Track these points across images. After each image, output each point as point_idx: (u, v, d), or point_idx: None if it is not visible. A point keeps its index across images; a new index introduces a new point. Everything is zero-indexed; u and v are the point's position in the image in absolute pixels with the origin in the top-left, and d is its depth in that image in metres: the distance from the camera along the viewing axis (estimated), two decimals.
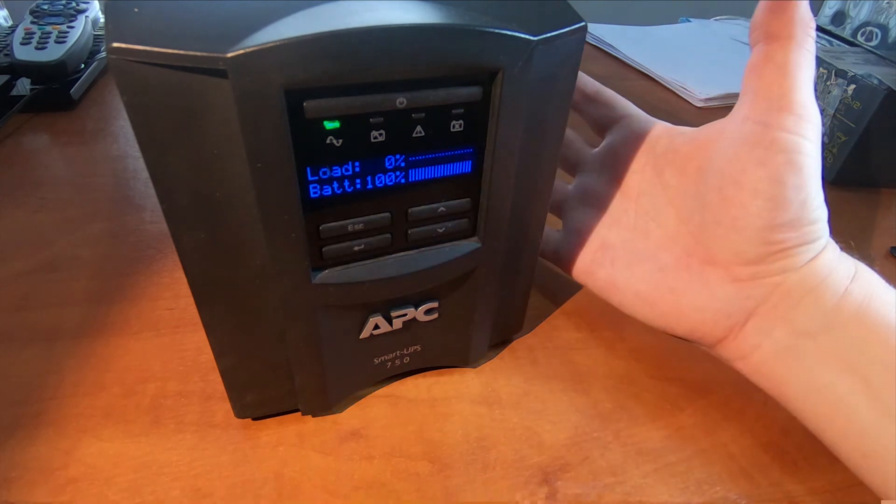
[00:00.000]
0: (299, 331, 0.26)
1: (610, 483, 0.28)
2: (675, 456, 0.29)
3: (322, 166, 0.21)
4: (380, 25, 0.19)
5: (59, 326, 0.34)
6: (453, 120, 0.23)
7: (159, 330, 0.34)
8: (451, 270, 0.27)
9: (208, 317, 0.24)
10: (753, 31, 0.26)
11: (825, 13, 0.62)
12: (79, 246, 0.40)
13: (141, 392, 0.30)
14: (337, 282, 0.24)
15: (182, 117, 0.19)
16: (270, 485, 0.27)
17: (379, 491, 0.27)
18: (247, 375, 0.27)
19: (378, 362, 0.30)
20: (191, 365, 0.32)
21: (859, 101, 0.52)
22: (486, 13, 0.21)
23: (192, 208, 0.21)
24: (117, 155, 0.51)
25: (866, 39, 0.58)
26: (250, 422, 0.30)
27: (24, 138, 0.52)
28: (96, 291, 0.37)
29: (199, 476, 0.27)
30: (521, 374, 0.33)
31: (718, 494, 0.28)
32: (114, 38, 0.17)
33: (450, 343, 0.32)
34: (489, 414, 0.31)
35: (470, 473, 0.28)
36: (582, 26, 0.23)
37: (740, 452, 0.29)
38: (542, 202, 0.29)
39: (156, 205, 0.23)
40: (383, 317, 0.28)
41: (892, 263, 0.45)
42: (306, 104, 0.20)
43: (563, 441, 0.30)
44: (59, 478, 0.26)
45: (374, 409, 0.31)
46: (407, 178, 0.23)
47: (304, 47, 0.18)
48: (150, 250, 0.40)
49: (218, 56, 0.17)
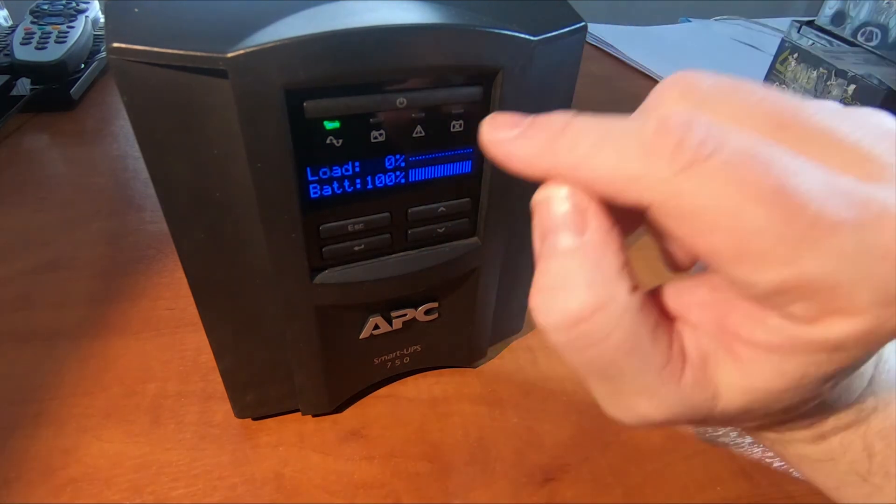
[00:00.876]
0: (299, 331, 0.26)
1: (610, 483, 0.28)
2: (675, 456, 0.29)
3: (322, 166, 0.21)
4: (380, 25, 0.19)
5: (59, 326, 0.34)
6: (453, 120, 0.23)
7: (159, 330, 0.34)
8: (451, 270, 0.27)
9: (208, 317, 0.24)
10: None
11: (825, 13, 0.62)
12: (79, 246, 0.40)
13: (141, 392, 0.30)
14: (337, 282, 0.24)
15: (182, 117, 0.19)
16: (270, 485, 0.27)
17: (379, 491, 0.27)
18: (247, 375, 0.27)
19: (378, 362, 0.30)
20: (191, 365, 0.32)
21: (859, 101, 0.52)
22: (486, 13, 0.21)
23: (192, 208, 0.21)
24: (117, 155, 0.51)
25: (866, 39, 0.58)
26: (250, 422, 0.30)
27: (24, 138, 0.52)
28: (96, 291, 0.37)
29: (199, 476, 0.27)
30: (521, 374, 0.33)
31: (718, 494, 0.28)
32: (114, 38, 0.17)
33: (450, 343, 0.32)
34: (489, 414, 0.31)
35: (470, 473, 0.28)
36: (582, 26, 0.23)
37: (740, 453, 0.29)
38: None
39: (156, 205, 0.23)
40: (383, 317, 0.28)
41: None
42: (306, 104, 0.20)
43: (563, 441, 0.30)
44: (59, 478, 0.26)
45: (374, 409, 0.31)
46: (407, 179, 0.23)
47: (304, 47, 0.18)
48: (150, 250, 0.40)
49: (218, 56, 0.17)
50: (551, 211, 0.14)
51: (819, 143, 0.13)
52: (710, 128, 0.12)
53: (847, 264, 0.11)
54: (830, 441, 0.18)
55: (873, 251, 0.11)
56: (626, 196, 0.13)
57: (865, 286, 0.11)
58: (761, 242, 0.11)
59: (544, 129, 0.14)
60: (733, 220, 0.12)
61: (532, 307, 0.14)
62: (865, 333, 0.12)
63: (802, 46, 0.60)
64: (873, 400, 0.17)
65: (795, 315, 0.12)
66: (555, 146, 0.14)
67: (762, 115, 0.13)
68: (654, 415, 0.15)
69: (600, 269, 0.14)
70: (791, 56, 0.61)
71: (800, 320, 0.12)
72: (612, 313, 0.13)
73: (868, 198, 0.12)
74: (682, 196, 0.12)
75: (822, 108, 0.13)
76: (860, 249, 0.11)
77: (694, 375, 0.14)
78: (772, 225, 0.11)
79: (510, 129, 0.15)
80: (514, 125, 0.15)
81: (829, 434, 0.18)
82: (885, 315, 0.12)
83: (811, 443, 0.18)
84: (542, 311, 0.14)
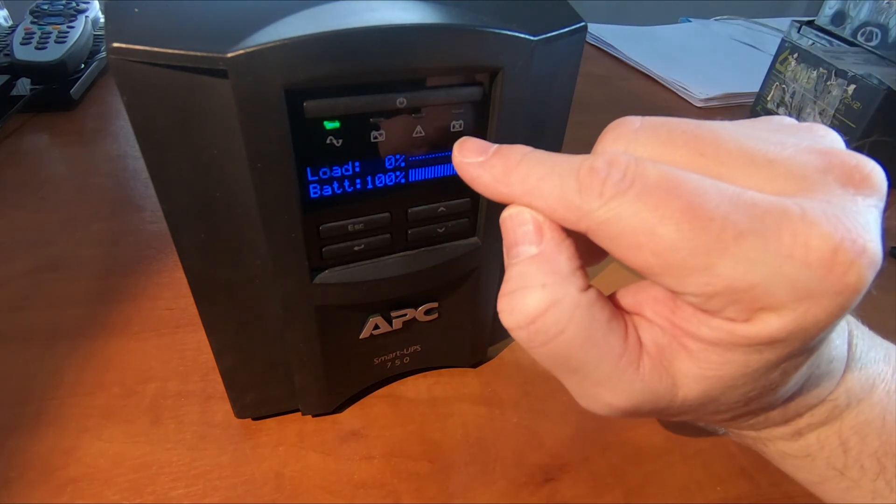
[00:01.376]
0: (299, 331, 0.26)
1: (610, 483, 0.28)
2: (675, 456, 0.29)
3: (322, 166, 0.21)
4: (380, 25, 0.19)
5: (59, 326, 0.34)
6: (453, 120, 0.23)
7: (159, 330, 0.34)
8: (451, 270, 0.27)
9: (208, 317, 0.24)
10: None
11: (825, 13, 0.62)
12: (79, 246, 0.40)
13: (141, 392, 0.30)
14: (337, 282, 0.24)
15: (182, 117, 0.19)
16: (270, 485, 0.27)
17: (379, 491, 0.27)
18: (247, 375, 0.27)
19: (378, 362, 0.30)
20: (191, 365, 0.32)
21: (859, 101, 0.52)
22: (486, 13, 0.21)
23: (192, 208, 0.21)
24: (117, 155, 0.51)
25: (866, 39, 0.58)
26: (250, 422, 0.30)
27: (24, 138, 0.52)
28: (96, 291, 0.37)
29: (199, 476, 0.27)
30: (521, 374, 0.33)
31: (718, 494, 0.28)
32: (114, 38, 0.17)
33: (450, 343, 0.32)
34: (489, 414, 0.31)
35: (470, 473, 0.28)
36: (582, 26, 0.23)
37: (740, 452, 0.29)
38: None
39: (156, 205, 0.23)
40: (383, 317, 0.28)
41: (891, 264, 0.45)
42: (306, 104, 0.20)
43: (563, 441, 0.30)
44: (59, 478, 0.26)
45: (374, 409, 0.31)
46: (407, 179, 0.23)
47: (304, 47, 0.18)
48: (150, 250, 0.40)
49: (218, 56, 0.17)
50: (515, 227, 0.16)
51: (736, 165, 0.15)
52: (629, 164, 0.14)
53: (758, 266, 0.13)
54: (808, 438, 0.19)
55: (779, 253, 0.13)
56: (568, 223, 0.15)
57: (779, 284, 0.13)
58: (677, 255, 0.13)
59: (503, 160, 0.17)
60: (652, 238, 0.14)
61: (499, 310, 0.16)
62: (792, 326, 0.14)
63: (802, 46, 0.60)
64: (845, 397, 0.19)
65: (730, 317, 0.14)
66: (509, 177, 0.16)
67: (683, 146, 0.15)
68: (619, 403, 0.16)
69: (553, 272, 0.16)
70: (791, 56, 0.61)
71: (735, 320, 0.14)
72: (565, 309, 0.15)
73: (771, 207, 0.13)
74: (609, 223, 0.14)
75: (749, 132, 0.15)
76: (767, 252, 0.13)
77: (651, 364, 0.16)
78: (683, 239, 0.13)
79: (476, 155, 0.17)
80: (480, 152, 0.17)
81: (806, 431, 0.19)
82: (803, 308, 0.13)
83: (789, 440, 0.20)
84: (505, 312, 0.16)
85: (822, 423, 0.19)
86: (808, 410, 0.19)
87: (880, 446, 0.19)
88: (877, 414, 0.19)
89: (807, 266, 0.13)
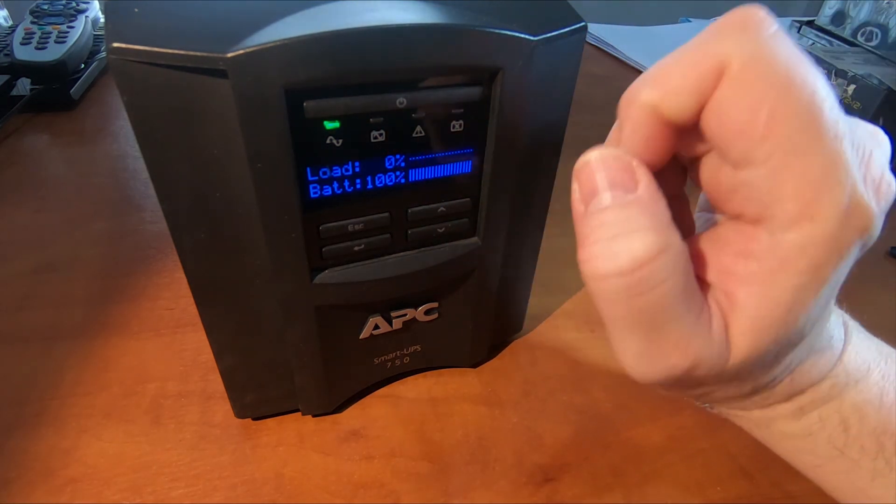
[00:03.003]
0: (299, 331, 0.26)
1: (610, 483, 0.28)
2: (675, 456, 0.29)
3: (322, 166, 0.21)
4: (380, 25, 0.19)
5: (59, 326, 0.34)
6: (453, 120, 0.23)
7: (159, 330, 0.34)
8: (451, 270, 0.27)
9: (208, 317, 0.24)
10: None
11: (825, 13, 0.62)
12: (79, 246, 0.40)
13: (141, 392, 0.30)
14: (337, 282, 0.24)
15: (182, 117, 0.19)
16: (270, 485, 0.27)
17: (379, 491, 0.27)
18: (247, 375, 0.27)
19: (378, 362, 0.30)
20: (191, 365, 0.32)
21: (859, 101, 0.52)
22: (486, 13, 0.21)
23: (192, 208, 0.21)
24: (117, 155, 0.51)
25: (866, 39, 0.58)
26: (250, 422, 0.30)
27: (24, 138, 0.52)
28: (96, 291, 0.37)
29: (199, 476, 0.27)
30: (521, 374, 0.33)
31: (718, 494, 0.28)
32: (114, 38, 0.17)
33: (450, 343, 0.32)
34: (489, 414, 0.31)
35: (470, 473, 0.28)
36: (582, 26, 0.23)
37: (740, 452, 0.29)
38: (542, 202, 0.29)
39: (156, 205, 0.23)
40: (383, 317, 0.28)
41: (891, 264, 0.45)
42: (306, 104, 0.20)
43: (563, 441, 0.30)
44: (58, 478, 0.26)
45: (374, 409, 0.31)
46: (407, 179, 0.23)
47: (304, 47, 0.18)
48: (150, 250, 0.40)
49: (218, 56, 0.17)
50: (603, 170, 0.15)
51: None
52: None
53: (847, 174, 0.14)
54: (809, 416, 0.19)
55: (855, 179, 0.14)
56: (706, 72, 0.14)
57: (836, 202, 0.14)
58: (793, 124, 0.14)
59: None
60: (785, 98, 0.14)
61: (587, 258, 0.15)
62: (829, 237, 0.14)
63: (802, 46, 0.60)
64: (845, 376, 0.19)
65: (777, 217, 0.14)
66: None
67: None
68: (684, 363, 0.15)
69: (659, 218, 0.15)
70: None
71: (778, 226, 0.14)
72: (671, 257, 0.14)
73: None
74: (762, 58, 0.14)
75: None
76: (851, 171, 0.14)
77: (717, 324, 0.16)
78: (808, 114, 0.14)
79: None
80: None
81: (808, 408, 0.19)
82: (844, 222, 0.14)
83: (792, 419, 0.20)
84: (603, 257, 0.15)
85: (823, 401, 0.19)
86: (810, 386, 0.19)
87: (879, 425, 0.19)
88: (874, 394, 0.19)
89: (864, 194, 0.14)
